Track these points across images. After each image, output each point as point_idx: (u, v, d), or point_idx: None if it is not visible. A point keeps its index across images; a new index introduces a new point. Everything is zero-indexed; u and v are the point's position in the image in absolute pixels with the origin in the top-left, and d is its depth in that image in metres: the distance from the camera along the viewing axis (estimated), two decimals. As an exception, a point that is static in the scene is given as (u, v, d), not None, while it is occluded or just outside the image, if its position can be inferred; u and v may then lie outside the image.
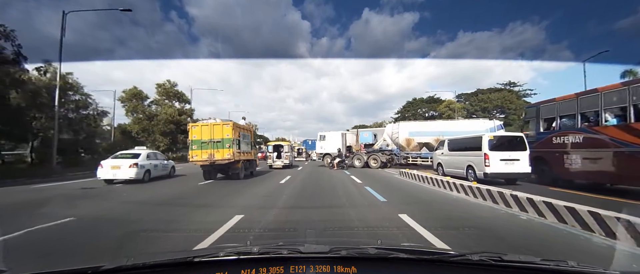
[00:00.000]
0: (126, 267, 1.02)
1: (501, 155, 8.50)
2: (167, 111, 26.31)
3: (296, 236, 3.92)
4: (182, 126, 27.64)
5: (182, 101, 29.59)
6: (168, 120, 25.59)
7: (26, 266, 1.69)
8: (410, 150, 16.66)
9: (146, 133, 24.92)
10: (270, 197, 6.75)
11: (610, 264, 2.81)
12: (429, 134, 15.77)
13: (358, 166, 17.30)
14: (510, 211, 5.01)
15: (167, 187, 8.91)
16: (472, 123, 15.02)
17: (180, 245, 3.45)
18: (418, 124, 17.32)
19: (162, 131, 25.10)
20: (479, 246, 3.23)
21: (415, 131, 16.54)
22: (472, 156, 9.25)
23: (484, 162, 8.58)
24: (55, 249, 3.31)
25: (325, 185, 9.15)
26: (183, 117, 27.84)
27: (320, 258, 1.09)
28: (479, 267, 1.04)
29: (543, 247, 3.37)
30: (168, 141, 26.12)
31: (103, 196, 7.36)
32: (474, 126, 14.37)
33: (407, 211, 4.91)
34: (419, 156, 16.24)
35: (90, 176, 11.11)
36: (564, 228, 3.94)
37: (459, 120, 16.64)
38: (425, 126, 16.69)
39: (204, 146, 10.06)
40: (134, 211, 5.64)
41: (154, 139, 25.34)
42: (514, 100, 41.95)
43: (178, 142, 27.87)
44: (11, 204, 6.36)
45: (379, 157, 16.79)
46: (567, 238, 3.61)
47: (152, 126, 25.07)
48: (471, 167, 9.26)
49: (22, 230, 3.93)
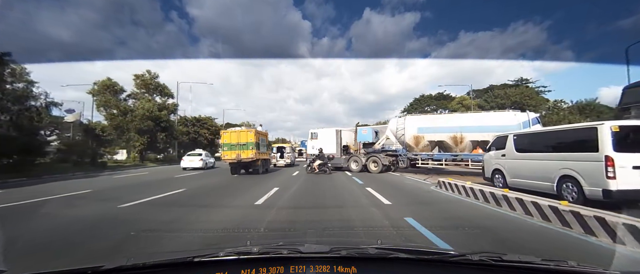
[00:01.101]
0: (126, 267, 1.08)
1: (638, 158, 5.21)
2: (144, 106, 23.72)
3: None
4: (162, 122, 25.61)
5: (164, 94, 27.35)
6: (145, 116, 23.13)
7: (26, 266, 1.55)
8: (419, 150, 14.42)
9: (119, 131, 22.54)
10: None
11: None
12: (443, 131, 13.52)
13: (355, 170, 15.45)
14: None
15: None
16: (498, 116, 12.67)
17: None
18: (429, 119, 14.89)
19: (138, 128, 22.68)
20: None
21: (425, 126, 14.21)
22: (574, 161, 5.94)
23: (604, 172, 5.27)
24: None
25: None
26: (164, 113, 25.58)
27: (320, 257, 1.16)
28: (479, 267, 1.10)
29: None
30: (145, 140, 23.61)
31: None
32: (500, 119, 12.21)
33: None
34: (431, 158, 14.06)
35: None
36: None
37: (479, 112, 14.31)
38: (438, 120, 14.38)
39: (233, 147, 13.49)
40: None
41: (128, 137, 23.02)
42: (533, 95, 39.96)
43: (158, 141, 25.45)
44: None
45: (380, 159, 14.80)
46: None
47: (126, 122, 22.65)
48: (571, 179, 5.94)
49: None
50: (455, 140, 13.01)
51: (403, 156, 14.81)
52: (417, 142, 14.23)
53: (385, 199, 6.61)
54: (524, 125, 11.39)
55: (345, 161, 16.20)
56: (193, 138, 41.92)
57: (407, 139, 14.48)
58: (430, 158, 14.06)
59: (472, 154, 12.97)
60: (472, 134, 12.54)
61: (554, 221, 4.39)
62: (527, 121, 11.60)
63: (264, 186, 9.07)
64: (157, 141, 25.93)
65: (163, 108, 26.43)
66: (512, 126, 11.39)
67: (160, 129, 25.62)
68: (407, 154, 14.68)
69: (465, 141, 12.78)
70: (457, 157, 13.19)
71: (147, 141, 24.35)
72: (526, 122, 11.55)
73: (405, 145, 14.74)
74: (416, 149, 14.45)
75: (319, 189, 8.76)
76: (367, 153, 15.63)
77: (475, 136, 12.47)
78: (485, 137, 11.98)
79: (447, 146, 13.67)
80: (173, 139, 29.33)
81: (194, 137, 42.11)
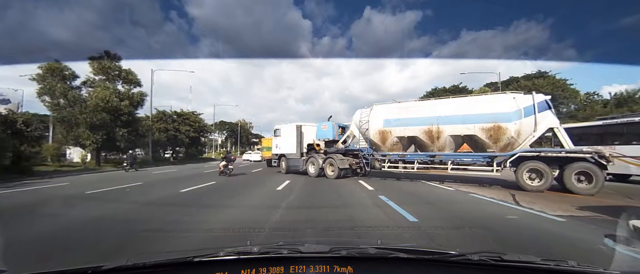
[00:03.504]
0: (126, 267, 1.18)
1: None
2: (98, 95, 21.66)
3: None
4: (123, 115, 23.84)
5: (129, 82, 25.64)
6: (99, 106, 21.50)
7: (26, 266, 1.86)
8: (387, 150, 12.78)
9: (66, 125, 21.04)
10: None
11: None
12: (415, 123, 11.70)
13: (312, 174, 14.30)
14: None
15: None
16: (489, 101, 10.67)
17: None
18: (398, 108, 12.64)
19: (90, 122, 21.14)
20: None
21: (392, 118, 12.32)
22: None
23: None
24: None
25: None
26: (125, 103, 23.70)
27: (320, 257, 1.28)
28: (479, 267, 1.21)
29: None
30: (100, 137, 21.92)
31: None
32: (492, 105, 10.38)
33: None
34: (402, 159, 12.40)
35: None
36: None
37: (466, 96, 12.10)
38: (409, 110, 12.23)
39: (267, 149, 20.97)
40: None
41: (75, 134, 21.17)
42: (565, 87, 37.82)
43: (117, 139, 23.74)
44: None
45: (336, 162, 13.33)
46: None
47: (73, 114, 20.82)
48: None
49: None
50: (430, 135, 11.41)
51: (368, 156, 13.37)
52: (384, 139, 12.64)
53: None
54: (526, 111, 9.79)
55: (304, 163, 15.12)
56: (172, 135, 40.83)
57: (372, 135, 12.95)
58: (401, 160, 12.48)
59: (459, 154, 11.59)
60: (452, 126, 10.95)
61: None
62: (531, 106, 9.74)
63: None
64: (116, 138, 23.68)
65: (125, 98, 24.16)
66: (509, 114, 10.01)
67: (122, 123, 24.17)
68: (373, 154, 13.25)
69: (443, 137, 11.18)
70: (434, 158, 11.64)
71: (102, 139, 22.18)
72: (529, 108, 9.76)
73: (371, 143, 13.28)
74: (383, 148, 12.93)
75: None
76: (327, 154, 14.38)
77: (456, 129, 10.90)
78: (470, 131, 10.64)
79: (421, 143, 12.05)
80: (139, 136, 27.83)
81: (173, 134, 40.90)
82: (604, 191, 8.83)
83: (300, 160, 15.41)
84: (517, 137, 9.94)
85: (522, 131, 9.88)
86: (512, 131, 9.90)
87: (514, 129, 9.87)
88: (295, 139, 15.83)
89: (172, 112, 43.45)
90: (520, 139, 9.98)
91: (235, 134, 70.34)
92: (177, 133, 41.96)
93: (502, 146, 10.26)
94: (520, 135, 9.92)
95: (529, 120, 9.78)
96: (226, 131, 74.17)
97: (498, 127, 10.11)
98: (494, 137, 10.28)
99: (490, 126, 10.24)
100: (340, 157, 13.66)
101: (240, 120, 73.07)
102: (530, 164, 9.50)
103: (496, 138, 10.24)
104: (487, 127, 10.30)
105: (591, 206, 6.74)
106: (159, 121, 40.67)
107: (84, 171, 19.11)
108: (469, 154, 11.31)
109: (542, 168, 9.27)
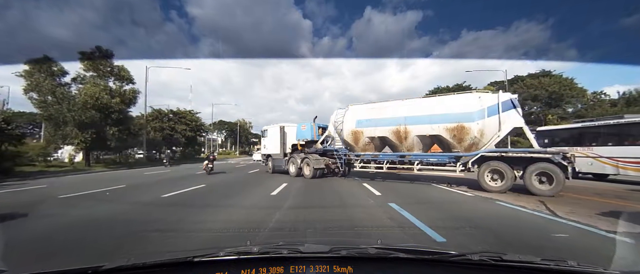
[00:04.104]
0: (126, 267, 1.22)
1: None
2: (87, 91, 21.43)
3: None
4: (113, 113, 23.67)
5: (121, 79, 25.64)
6: (88, 104, 21.33)
7: (26, 266, 1.91)
8: (360, 150, 13.22)
9: (53, 123, 21.30)
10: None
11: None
12: (384, 124, 12.08)
13: (292, 173, 14.97)
14: None
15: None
16: (455, 101, 10.83)
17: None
18: (369, 109, 13.07)
19: (78, 121, 21.15)
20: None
21: (364, 118, 12.76)
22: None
23: None
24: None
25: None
26: (116, 101, 23.65)
27: (320, 257, 1.31)
28: (479, 267, 1.24)
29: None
30: (89, 136, 22.03)
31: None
32: (458, 105, 10.56)
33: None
34: (375, 160, 12.81)
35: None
36: None
37: (433, 96, 12.29)
38: (380, 110, 12.61)
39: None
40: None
41: (63, 133, 21.46)
42: (572, 86, 37.38)
43: (107, 138, 24.05)
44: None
45: (312, 162, 13.88)
46: None
47: (61, 112, 20.81)
48: None
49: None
50: (398, 135, 11.72)
51: (343, 156, 13.90)
52: (356, 140, 13.11)
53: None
54: (489, 111, 9.98)
55: (286, 163, 15.82)
56: (168, 135, 41.12)
57: (345, 136, 13.48)
58: (373, 160, 12.89)
59: (427, 155, 11.79)
60: (419, 126, 11.22)
61: None
62: (495, 106, 9.92)
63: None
64: (106, 137, 23.85)
65: (116, 95, 24.07)
66: (472, 114, 10.20)
67: (112, 121, 24.31)
68: (347, 154, 13.77)
69: (410, 137, 11.47)
70: (404, 158, 11.91)
71: (91, 137, 22.06)
72: (493, 107, 9.94)
73: (344, 143, 13.82)
74: (357, 148, 13.37)
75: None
76: (306, 154, 14.93)
77: (423, 129, 11.16)
78: (436, 131, 10.87)
79: (390, 143, 12.41)
80: (131, 135, 28.05)
81: (169, 133, 41.20)
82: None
83: (283, 160, 16.08)
84: (481, 137, 10.12)
85: (486, 131, 10.05)
86: (475, 131, 10.08)
87: (477, 129, 10.05)
88: (278, 140, 16.59)
89: (168, 111, 43.69)
90: (485, 139, 10.16)
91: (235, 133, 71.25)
92: (173, 132, 42.19)
93: (467, 146, 10.44)
94: (483, 135, 10.09)
95: (493, 120, 9.95)
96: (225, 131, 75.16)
97: (461, 127, 10.30)
98: (458, 137, 10.47)
99: (454, 126, 10.45)
100: (317, 157, 14.22)
101: (240, 119, 74.03)
102: (492, 164, 9.68)
103: (460, 138, 10.44)
104: (451, 127, 10.51)
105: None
106: (155, 120, 41.08)
107: (72, 172, 19.22)
108: (435, 155, 11.54)
109: (502, 168, 9.44)
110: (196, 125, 46.38)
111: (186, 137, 43.97)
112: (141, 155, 36.71)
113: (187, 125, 44.16)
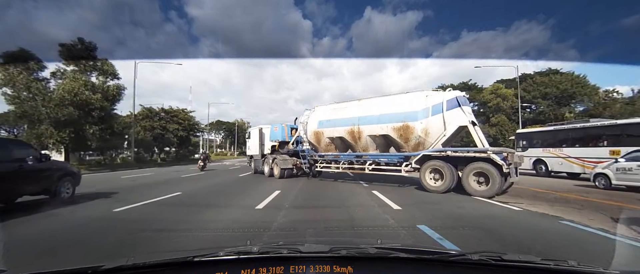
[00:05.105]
0: (126, 267, 1.25)
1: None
2: (65, 87, 20.74)
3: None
4: (94, 110, 23.22)
5: (105, 74, 25.30)
6: (66, 100, 20.73)
7: (26, 266, 2.02)
8: (323, 150, 13.91)
9: (28, 121, 21.22)
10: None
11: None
12: (341, 124, 12.63)
13: (267, 173, 15.87)
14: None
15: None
16: (403, 100, 11.07)
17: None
18: (331, 109, 13.67)
19: (54, 118, 20.94)
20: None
21: (325, 119, 13.39)
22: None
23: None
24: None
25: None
26: (97, 97, 23.17)
27: (320, 257, 1.35)
28: (479, 267, 1.27)
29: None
30: (67, 136, 21.75)
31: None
32: (406, 104, 10.83)
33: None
34: (335, 160, 13.36)
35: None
36: None
37: (383, 97, 12.41)
38: (339, 110, 13.18)
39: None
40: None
41: (37, 132, 20.84)
42: (585, 83, 36.68)
43: (87, 137, 23.62)
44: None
45: (280, 163, 14.65)
46: None
47: (36, 109, 20.17)
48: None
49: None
50: (353, 136, 12.18)
51: (307, 156, 14.56)
52: (318, 140, 13.74)
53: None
54: (433, 110, 10.21)
55: (262, 163, 16.78)
56: (159, 134, 40.90)
57: (309, 136, 14.15)
58: (334, 160, 13.42)
59: (378, 154, 11.92)
60: (370, 126, 11.60)
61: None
62: (440, 104, 10.14)
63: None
64: (86, 137, 23.15)
65: (98, 91, 23.49)
66: (417, 113, 10.44)
67: (94, 120, 23.91)
68: (312, 155, 14.39)
69: (363, 137, 11.87)
70: (361, 158, 12.33)
71: (69, 137, 21.56)
72: (437, 106, 10.16)
73: (309, 143, 14.44)
74: (320, 149, 13.97)
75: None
76: (278, 155, 15.66)
77: (373, 129, 11.51)
78: (384, 131, 11.18)
79: (348, 144, 12.86)
80: (115, 134, 27.92)
81: (160, 133, 40.91)
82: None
83: (260, 161, 17.13)
84: (426, 136, 10.32)
85: (430, 130, 10.24)
86: (419, 130, 10.30)
87: (421, 128, 10.27)
88: (257, 142, 17.75)
89: (159, 109, 43.50)
90: (430, 139, 10.34)
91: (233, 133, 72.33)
92: (165, 132, 41.96)
93: (413, 145, 10.67)
94: (428, 134, 10.29)
95: (437, 118, 10.15)
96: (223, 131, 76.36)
97: (407, 127, 10.56)
98: (404, 137, 10.72)
99: (400, 126, 10.73)
100: (285, 158, 14.99)
101: (238, 119, 75.05)
102: (432, 163, 9.90)
103: (406, 138, 10.68)
104: (397, 126, 10.81)
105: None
106: (145, 119, 41.02)
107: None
108: (385, 155, 11.81)
109: (442, 168, 9.64)
110: (189, 124, 45.98)
111: (178, 137, 43.66)
112: (127, 156, 36.56)
113: (180, 124, 43.78)
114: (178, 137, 43.87)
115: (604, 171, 11.13)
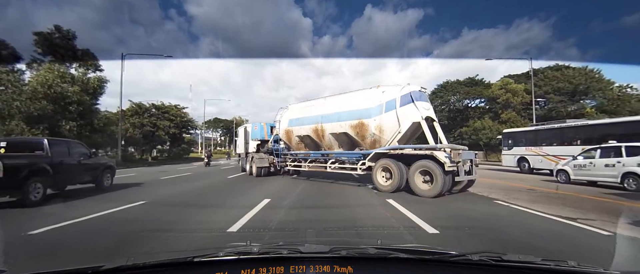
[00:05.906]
0: (126, 267, 1.28)
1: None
2: (39, 78, 20.14)
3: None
4: (71, 104, 22.30)
5: (86, 66, 24.72)
6: (39, 93, 20.11)
7: (26, 266, 1.98)
8: (295, 148, 14.06)
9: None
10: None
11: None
12: (308, 122, 12.67)
13: (247, 172, 16.56)
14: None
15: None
16: (360, 97, 10.80)
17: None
18: (301, 108, 13.71)
19: (26, 113, 20.28)
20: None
21: (295, 118, 13.54)
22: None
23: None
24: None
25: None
26: (74, 89, 22.38)
27: (320, 257, 1.37)
28: (479, 267, 1.29)
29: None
30: (39, 132, 21.00)
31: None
32: (362, 100, 10.58)
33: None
34: (305, 158, 13.47)
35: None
36: None
37: (344, 94, 11.80)
38: (307, 109, 13.24)
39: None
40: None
41: (7, 129, 20.21)
42: (599, 78, 35.32)
43: (64, 135, 21.80)
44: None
45: (256, 161, 15.02)
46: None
47: (7, 103, 19.41)
48: None
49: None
50: (317, 134, 12.20)
51: (281, 155, 14.87)
52: (289, 138, 13.98)
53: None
54: (387, 106, 9.81)
55: (244, 161, 17.61)
56: (149, 131, 39.48)
57: (281, 135, 14.47)
58: (304, 159, 13.55)
59: (339, 152, 11.78)
60: (331, 124, 11.49)
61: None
62: (393, 101, 9.71)
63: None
64: (62, 133, 21.59)
65: (77, 83, 22.62)
66: (371, 110, 10.07)
67: (71, 115, 22.93)
68: (284, 153, 14.70)
69: (326, 135, 11.79)
70: (326, 156, 12.28)
71: (42, 134, 20.17)
72: (391, 102, 9.75)
73: (284, 142, 14.77)
74: (292, 147, 14.18)
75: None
76: (257, 153, 16.13)
77: (334, 127, 11.38)
78: (343, 129, 10.97)
79: (314, 142, 12.85)
80: (96, 131, 26.92)
81: (150, 130, 39.48)
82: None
83: (244, 159, 17.88)
84: (380, 133, 9.90)
85: (385, 127, 9.84)
86: (373, 127, 9.98)
87: (375, 125, 9.95)
88: (242, 141, 18.60)
89: (150, 105, 41.97)
90: (386, 136, 9.92)
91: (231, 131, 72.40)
92: (155, 129, 40.60)
93: (369, 143, 10.37)
94: (383, 131, 9.86)
95: (391, 115, 9.74)
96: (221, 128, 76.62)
97: (362, 124, 10.32)
98: (360, 135, 10.48)
99: (356, 123, 10.51)
100: (261, 156, 15.47)
101: (236, 117, 74.97)
102: (383, 162, 9.60)
103: (362, 135, 10.41)
104: (353, 124, 10.60)
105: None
106: (134, 115, 39.85)
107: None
108: (345, 153, 11.58)
109: (390, 166, 9.31)
110: (182, 121, 44.70)
111: (170, 134, 42.28)
112: (112, 155, 35.96)
113: (171, 121, 42.37)
114: (170, 135, 42.55)
115: (564, 167, 12.56)
